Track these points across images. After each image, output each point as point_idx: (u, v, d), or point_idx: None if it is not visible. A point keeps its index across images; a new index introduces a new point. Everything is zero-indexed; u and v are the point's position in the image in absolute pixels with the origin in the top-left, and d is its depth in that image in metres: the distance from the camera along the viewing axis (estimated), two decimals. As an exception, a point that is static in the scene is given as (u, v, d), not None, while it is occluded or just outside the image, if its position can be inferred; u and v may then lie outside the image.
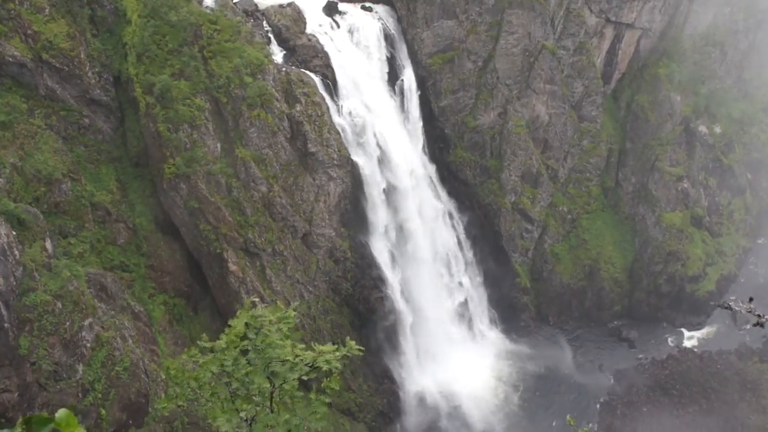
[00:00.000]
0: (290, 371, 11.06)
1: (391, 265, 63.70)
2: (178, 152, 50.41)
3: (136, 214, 52.49)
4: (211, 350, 11.57)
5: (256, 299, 12.27)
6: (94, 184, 49.69)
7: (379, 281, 62.05)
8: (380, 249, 62.54)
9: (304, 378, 11.13)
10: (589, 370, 70.20)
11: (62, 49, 47.88)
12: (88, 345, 41.20)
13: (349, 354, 11.40)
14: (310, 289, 58.31)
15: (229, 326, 11.64)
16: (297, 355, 11.23)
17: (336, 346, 11.47)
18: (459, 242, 70.61)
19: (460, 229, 70.75)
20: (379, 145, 59.90)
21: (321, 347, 11.31)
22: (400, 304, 63.63)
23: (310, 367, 11.15)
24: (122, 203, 51.49)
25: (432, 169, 67.71)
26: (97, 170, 50.60)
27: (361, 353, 11.40)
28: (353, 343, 11.48)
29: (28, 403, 37.25)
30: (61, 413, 5.73)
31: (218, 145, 52.29)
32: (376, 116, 59.86)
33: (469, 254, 71.85)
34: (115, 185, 51.41)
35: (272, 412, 11.19)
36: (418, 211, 64.04)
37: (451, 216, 69.86)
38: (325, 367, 11.04)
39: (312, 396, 11.29)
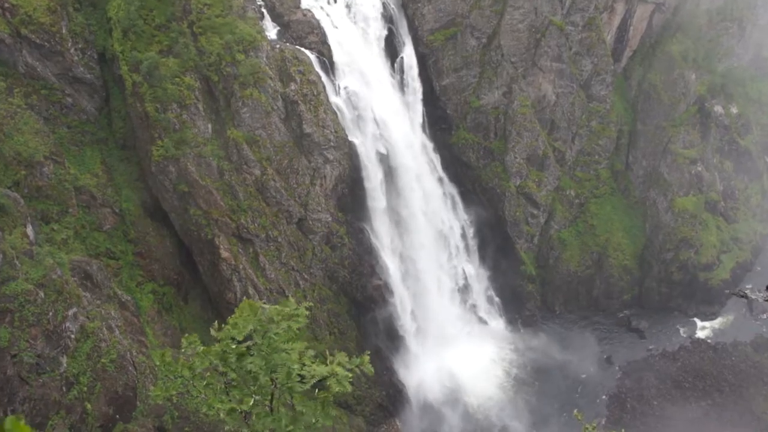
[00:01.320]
0: (298, 383, 11.06)
1: (390, 251, 63.46)
2: (166, 133, 50.18)
3: (123, 199, 52.30)
4: (218, 340, 11.60)
5: (259, 302, 12.03)
6: (77, 167, 49.36)
7: (378, 268, 62.02)
8: (378, 234, 62.29)
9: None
10: (597, 362, 70.06)
11: (42, 24, 47.24)
12: (73, 336, 40.85)
13: (359, 369, 11.39)
14: (306, 276, 58.18)
15: (227, 323, 11.63)
16: (304, 365, 11.23)
17: (348, 359, 11.34)
18: (461, 228, 70.40)
19: (462, 214, 70.40)
20: (377, 126, 59.50)
21: (333, 366, 11.19)
22: (399, 292, 63.56)
23: (320, 381, 11.16)
24: (108, 187, 51.20)
25: (433, 151, 67.16)
26: (81, 152, 50.29)
27: (372, 374, 11.36)
28: (367, 358, 11.45)
29: (9, 397, 36.88)
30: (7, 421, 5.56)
31: (209, 125, 52.10)
32: (375, 96, 59.38)
33: (472, 240, 71.62)
34: (100, 168, 51.08)
35: (272, 411, 11.26)
36: (418, 195, 63.74)
37: (453, 200, 69.50)
38: (336, 389, 11.00)
39: (318, 406, 11.32)
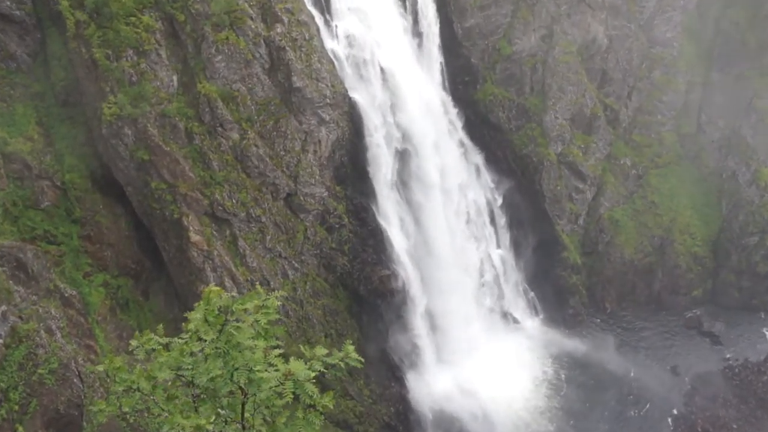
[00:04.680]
0: (261, 383, 11.16)
1: (399, 234, 63.37)
2: (120, 87, 50.02)
3: (66, 169, 51.94)
4: (167, 347, 11.73)
5: (218, 288, 12.06)
6: (6, 129, 48.99)
7: (385, 255, 61.99)
8: (385, 214, 62.30)
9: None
10: (659, 374, 69.40)
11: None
12: (1, 341, 41.19)
13: (344, 363, 11.55)
14: (296, 265, 58.23)
15: (188, 320, 11.70)
16: (271, 365, 11.25)
17: (325, 352, 11.49)
18: (488, 205, 70.27)
19: (490, 187, 70.40)
20: (384, 78, 59.50)
21: (293, 363, 11.22)
22: (411, 284, 63.47)
23: (281, 384, 11.22)
24: (46, 154, 50.85)
25: (453, 109, 66.86)
26: (10, 110, 49.88)
27: (360, 365, 11.53)
28: (352, 348, 11.62)
29: None
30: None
31: (174, 77, 52.24)
32: (382, 41, 59.35)
33: (502, 220, 71.60)
34: (35, 130, 50.71)
35: (244, 429, 11.33)
36: (434, 165, 63.54)
37: (477, 170, 69.41)
38: (288, 396, 11.04)
39: (300, 414, 11.42)
